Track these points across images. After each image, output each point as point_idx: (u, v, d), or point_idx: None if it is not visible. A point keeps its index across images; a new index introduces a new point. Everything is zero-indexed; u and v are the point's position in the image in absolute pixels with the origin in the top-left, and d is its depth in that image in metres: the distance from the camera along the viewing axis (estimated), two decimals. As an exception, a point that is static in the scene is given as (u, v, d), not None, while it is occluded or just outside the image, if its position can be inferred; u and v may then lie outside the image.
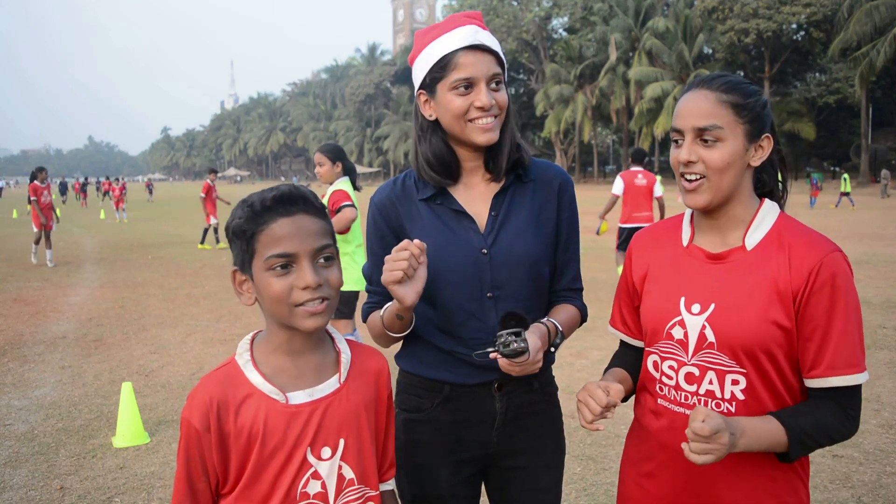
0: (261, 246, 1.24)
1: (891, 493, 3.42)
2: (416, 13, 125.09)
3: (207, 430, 1.25)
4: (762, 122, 1.41)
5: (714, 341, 1.40)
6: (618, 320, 1.69)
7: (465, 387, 1.67)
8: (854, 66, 35.96)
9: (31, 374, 5.73)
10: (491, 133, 1.58)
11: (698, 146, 1.39)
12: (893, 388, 5.00)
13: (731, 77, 1.42)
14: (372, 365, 1.43)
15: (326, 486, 1.31)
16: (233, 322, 7.61)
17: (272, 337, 1.33)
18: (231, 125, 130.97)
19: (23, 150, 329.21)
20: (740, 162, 1.40)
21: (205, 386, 1.29)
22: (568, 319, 1.69)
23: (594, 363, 5.66)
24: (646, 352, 1.56)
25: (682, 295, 1.46)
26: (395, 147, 71.24)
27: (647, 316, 1.54)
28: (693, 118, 1.39)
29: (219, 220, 14.47)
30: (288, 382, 1.31)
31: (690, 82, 1.47)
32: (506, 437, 1.71)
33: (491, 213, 1.65)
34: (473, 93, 1.56)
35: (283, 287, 1.23)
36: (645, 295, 1.57)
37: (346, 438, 1.33)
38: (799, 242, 1.39)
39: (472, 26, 1.58)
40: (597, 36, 52.54)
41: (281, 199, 1.25)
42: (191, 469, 1.27)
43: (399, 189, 1.71)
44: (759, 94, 1.42)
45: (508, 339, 1.40)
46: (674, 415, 1.47)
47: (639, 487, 1.58)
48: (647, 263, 1.58)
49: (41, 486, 3.66)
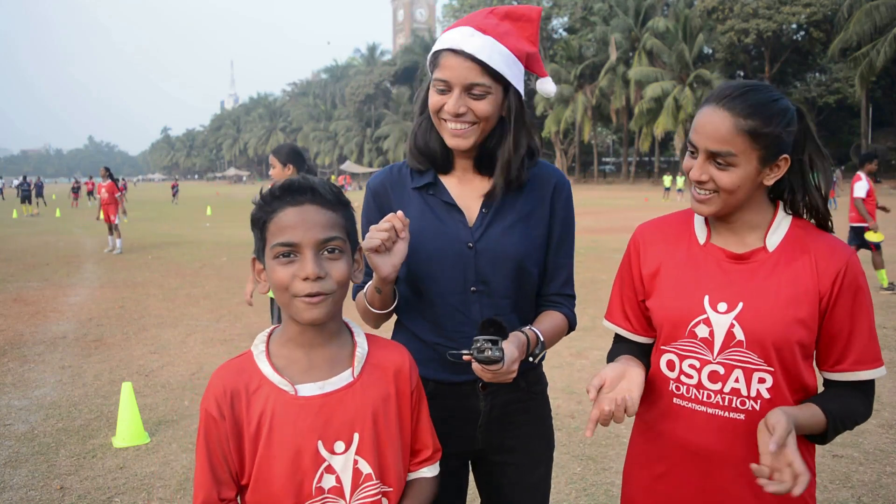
0: (269, 234, 1.27)
1: (891, 493, 3.42)
2: (416, 13, 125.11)
3: (222, 417, 1.27)
4: (780, 145, 1.38)
5: (743, 339, 1.41)
6: (618, 315, 1.65)
7: (449, 384, 1.67)
8: (854, 66, 35.97)
9: (31, 374, 5.73)
10: (460, 139, 1.58)
11: (710, 166, 1.39)
12: (893, 388, 5.00)
13: (757, 95, 1.37)
14: (391, 360, 1.41)
15: (342, 481, 1.30)
16: (233, 322, 7.61)
17: (286, 328, 1.35)
18: (231, 125, 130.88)
19: (23, 150, 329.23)
20: (752, 184, 1.40)
21: (220, 375, 1.31)
22: (552, 328, 1.67)
23: (594, 363, 5.66)
24: (659, 350, 1.54)
25: (706, 293, 1.46)
26: (395, 147, 71.17)
27: (664, 314, 1.52)
28: (708, 140, 1.38)
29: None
30: (298, 375, 1.31)
31: (714, 91, 1.42)
32: (492, 434, 1.72)
33: (482, 210, 1.65)
34: (447, 95, 1.56)
35: (286, 276, 1.25)
36: (657, 292, 1.54)
37: (360, 433, 1.32)
38: (821, 246, 1.44)
39: (467, 28, 1.54)
40: (597, 36, 52.56)
41: (290, 188, 1.27)
42: (212, 457, 1.28)
43: (395, 175, 1.74)
44: (782, 115, 1.37)
45: (484, 345, 1.39)
46: (693, 413, 1.47)
47: (649, 490, 1.57)
48: (659, 259, 1.55)
49: (41, 486, 3.66)
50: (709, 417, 1.45)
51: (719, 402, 1.44)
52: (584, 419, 4.30)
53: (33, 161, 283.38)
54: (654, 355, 1.56)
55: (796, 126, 1.41)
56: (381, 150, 75.88)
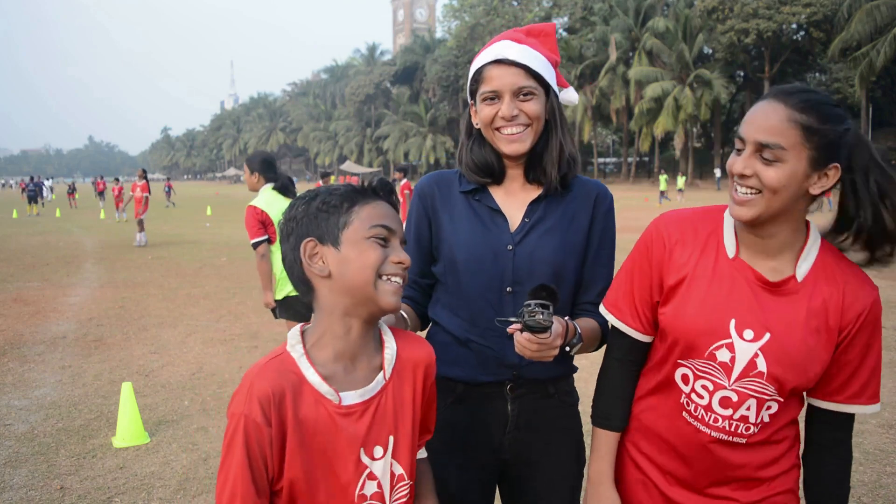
0: (362, 218, 1.30)
1: (891, 493, 3.42)
2: (416, 13, 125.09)
3: (268, 423, 1.19)
4: (834, 151, 1.30)
5: (765, 371, 1.36)
6: (629, 314, 1.53)
7: (477, 386, 1.68)
8: (854, 66, 35.94)
9: (31, 374, 5.73)
10: (517, 144, 1.65)
11: (756, 161, 1.31)
12: (893, 388, 5.00)
13: (815, 95, 1.32)
14: (418, 356, 1.41)
15: (382, 486, 1.30)
16: (233, 322, 7.61)
17: (330, 327, 1.30)
18: (231, 125, 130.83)
19: (23, 150, 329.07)
20: (797, 187, 1.31)
21: (262, 377, 1.23)
22: (587, 327, 1.65)
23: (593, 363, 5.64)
24: (675, 363, 1.48)
25: (733, 317, 1.39)
26: (395, 147, 71.16)
27: (684, 328, 1.43)
28: (757, 131, 1.30)
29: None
30: (341, 381, 1.29)
31: (771, 89, 1.36)
32: (519, 445, 1.71)
33: (524, 219, 1.69)
34: (498, 103, 1.64)
35: (380, 255, 1.29)
36: (678, 301, 1.45)
37: (395, 435, 1.32)
38: (850, 280, 1.38)
39: (505, 41, 1.65)
40: (597, 36, 52.55)
41: (384, 187, 1.37)
42: (254, 467, 1.20)
43: (444, 178, 1.81)
44: (840, 121, 1.30)
45: (535, 308, 1.36)
46: (696, 432, 1.46)
47: (640, 483, 1.57)
48: (686, 267, 1.45)
49: (41, 486, 3.66)
50: (712, 440, 1.44)
51: (725, 428, 1.41)
52: (583, 417, 4.30)
53: (33, 161, 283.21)
54: (669, 366, 1.49)
55: (852, 138, 1.31)
56: (381, 150, 75.87)
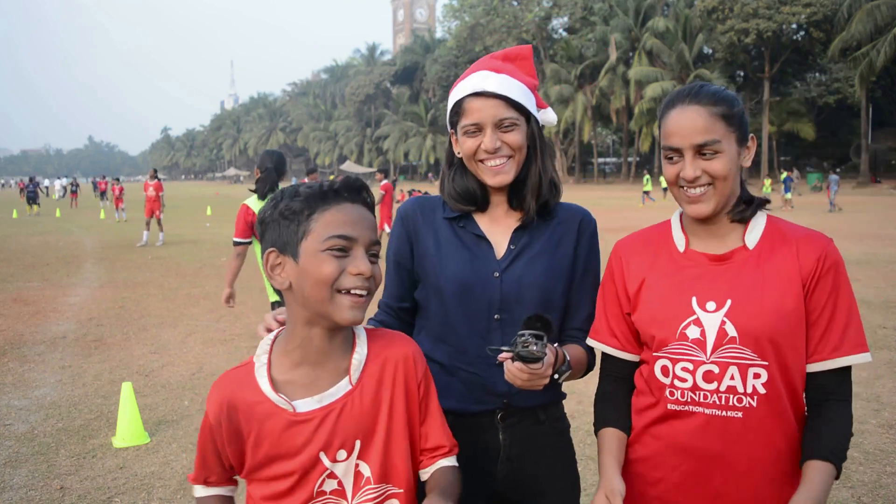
0: (320, 226, 1.23)
1: (891, 493, 3.42)
2: (416, 13, 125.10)
3: (220, 426, 1.29)
4: (746, 126, 1.49)
5: (736, 335, 1.41)
6: (604, 332, 1.62)
7: (467, 416, 1.65)
8: (854, 66, 35.95)
9: (31, 374, 5.73)
10: (501, 175, 1.63)
11: (699, 160, 1.43)
12: (893, 388, 5.00)
13: (712, 87, 1.48)
14: (397, 353, 1.37)
15: (343, 485, 1.31)
16: (233, 322, 7.61)
17: (293, 334, 1.30)
18: (231, 125, 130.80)
19: (23, 149, 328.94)
20: (736, 166, 1.46)
21: (219, 387, 1.32)
22: (575, 355, 1.64)
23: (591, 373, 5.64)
24: (652, 358, 1.52)
25: (693, 295, 1.46)
26: (395, 147, 71.19)
27: (652, 322, 1.51)
28: (691, 136, 1.42)
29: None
30: (298, 389, 1.29)
31: (671, 97, 1.50)
32: (513, 475, 1.68)
33: (510, 246, 1.68)
34: (480, 136, 1.62)
35: (335, 269, 1.21)
36: (643, 303, 1.54)
37: (361, 439, 1.31)
38: (802, 236, 1.47)
39: (483, 72, 1.62)
40: (597, 36, 52.57)
41: (350, 186, 1.28)
42: (205, 452, 1.34)
43: (427, 202, 1.79)
44: (738, 100, 1.48)
45: (529, 339, 1.34)
46: (690, 415, 1.46)
47: (644, 496, 1.55)
48: (643, 271, 1.55)
49: (41, 486, 3.66)
50: (707, 418, 1.44)
51: (716, 402, 1.43)
52: (583, 419, 4.30)
53: (33, 161, 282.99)
54: (649, 363, 1.54)
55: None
56: (381, 150, 75.90)
